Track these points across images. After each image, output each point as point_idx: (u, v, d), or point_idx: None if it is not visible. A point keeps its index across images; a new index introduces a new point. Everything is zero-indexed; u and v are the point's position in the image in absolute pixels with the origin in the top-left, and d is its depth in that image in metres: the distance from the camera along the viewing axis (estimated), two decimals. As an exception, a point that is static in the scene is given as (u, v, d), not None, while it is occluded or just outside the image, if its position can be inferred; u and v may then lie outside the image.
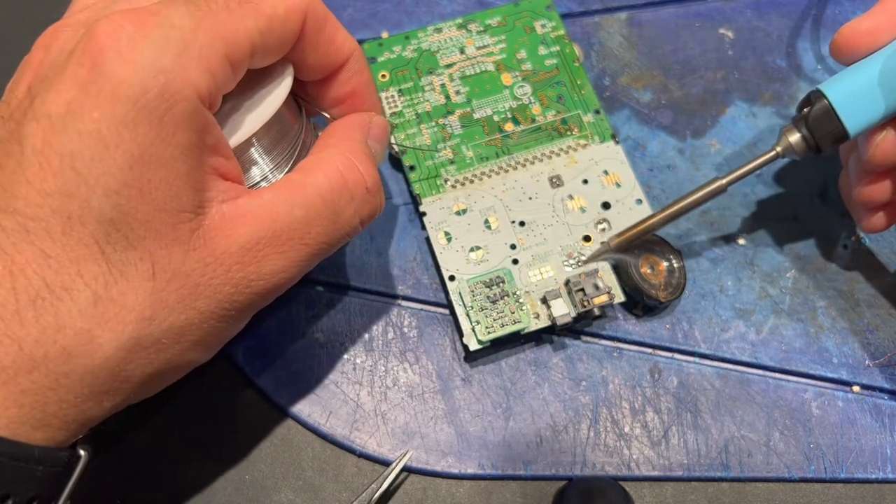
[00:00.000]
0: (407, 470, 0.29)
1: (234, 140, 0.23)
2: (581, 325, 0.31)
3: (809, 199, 0.34)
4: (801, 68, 0.36)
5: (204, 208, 0.21)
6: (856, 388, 0.31)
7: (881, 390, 0.31)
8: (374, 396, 0.30)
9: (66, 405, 0.20)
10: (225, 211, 0.22)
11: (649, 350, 0.31)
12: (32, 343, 0.19)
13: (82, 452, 0.21)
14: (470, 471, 0.29)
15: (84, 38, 0.20)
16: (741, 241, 0.33)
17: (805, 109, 0.28)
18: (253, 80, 0.24)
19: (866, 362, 0.31)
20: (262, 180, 0.25)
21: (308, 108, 0.27)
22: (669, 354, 0.31)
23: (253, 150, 0.24)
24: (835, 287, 0.32)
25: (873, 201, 0.29)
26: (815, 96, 0.27)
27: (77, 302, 0.19)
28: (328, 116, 0.27)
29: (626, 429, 0.30)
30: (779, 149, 0.29)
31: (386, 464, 0.29)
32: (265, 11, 0.22)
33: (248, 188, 0.24)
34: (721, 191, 0.29)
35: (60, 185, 0.19)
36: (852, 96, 0.27)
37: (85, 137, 0.19)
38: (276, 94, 0.24)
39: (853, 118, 0.27)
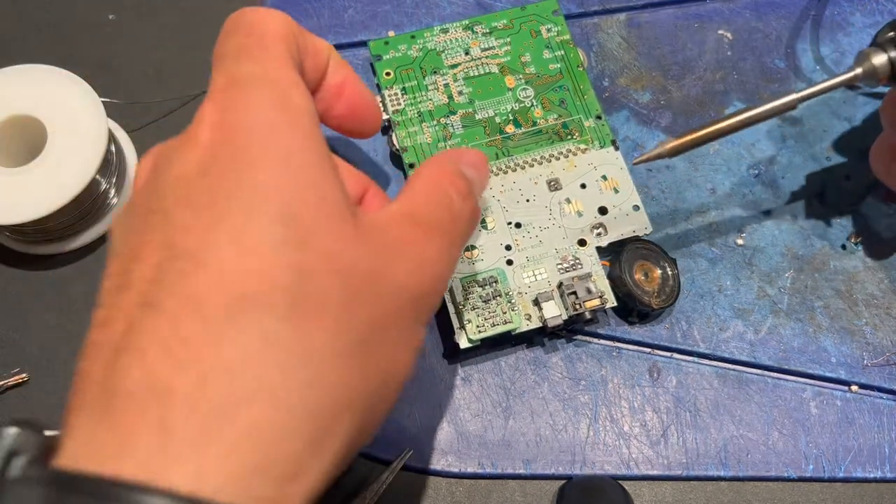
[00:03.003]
0: (407, 469, 0.29)
1: None
2: (576, 328, 0.31)
3: (808, 199, 0.34)
4: (799, 69, 0.36)
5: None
6: (854, 388, 0.31)
7: (879, 389, 0.31)
8: (375, 396, 0.30)
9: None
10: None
11: (648, 350, 0.31)
12: None
13: None
14: (470, 469, 0.29)
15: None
16: (740, 242, 0.33)
17: (892, 33, 0.26)
18: None
19: (864, 362, 0.31)
20: None
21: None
22: (668, 354, 0.31)
23: None
24: (833, 287, 0.32)
25: None
26: None
27: None
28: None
29: (626, 428, 0.30)
30: (859, 70, 0.27)
31: (386, 463, 0.29)
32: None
33: None
34: (791, 107, 0.27)
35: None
36: None
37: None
38: None
39: None
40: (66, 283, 0.32)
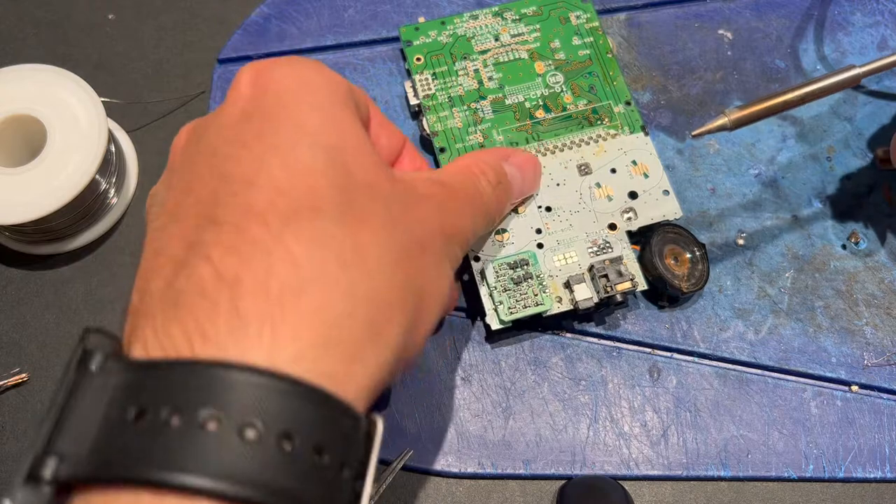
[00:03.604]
0: (407, 469, 0.29)
1: None
2: (576, 327, 0.31)
3: (808, 199, 0.34)
4: (800, 68, 0.36)
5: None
6: (854, 388, 0.31)
7: (880, 390, 0.31)
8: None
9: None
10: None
11: (648, 350, 0.31)
12: None
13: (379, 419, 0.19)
14: (470, 470, 0.29)
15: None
16: (740, 242, 0.33)
17: None
18: None
19: (865, 362, 0.31)
20: None
21: None
22: (668, 354, 0.31)
23: None
24: (833, 287, 0.32)
25: None
26: None
27: None
28: None
29: (626, 428, 0.30)
30: None
31: (386, 463, 0.29)
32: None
33: None
34: (856, 81, 0.28)
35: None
36: None
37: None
38: None
39: None
40: (66, 283, 0.32)
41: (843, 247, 0.33)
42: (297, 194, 0.19)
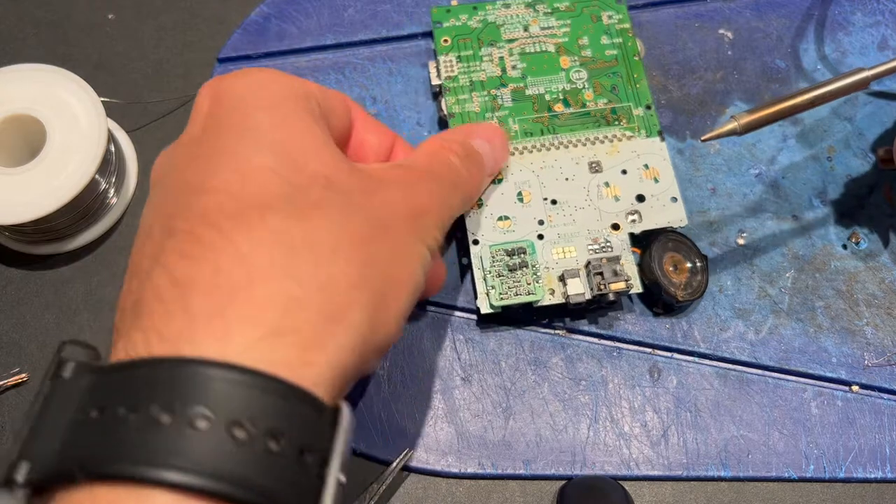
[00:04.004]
0: (407, 469, 0.29)
1: None
2: (577, 328, 0.31)
3: (808, 199, 0.34)
4: (801, 68, 0.36)
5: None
6: (855, 388, 0.31)
7: (880, 390, 0.31)
8: (375, 396, 0.30)
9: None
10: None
11: (649, 350, 0.31)
12: None
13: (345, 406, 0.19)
14: (470, 470, 0.29)
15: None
16: (740, 241, 0.33)
17: None
18: None
19: (865, 362, 0.31)
20: None
21: None
22: (669, 354, 0.31)
23: None
24: (834, 287, 0.32)
25: None
26: None
27: None
28: None
29: (626, 428, 0.30)
30: None
31: (386, 463, 0.29)
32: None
33: None
34: (865, 84, 0.28)
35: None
36: None
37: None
38: None
39: None
40: (66, 283, 0.32)
41: (844, 247, 0.33)
42: (246, 195, 0.20)
